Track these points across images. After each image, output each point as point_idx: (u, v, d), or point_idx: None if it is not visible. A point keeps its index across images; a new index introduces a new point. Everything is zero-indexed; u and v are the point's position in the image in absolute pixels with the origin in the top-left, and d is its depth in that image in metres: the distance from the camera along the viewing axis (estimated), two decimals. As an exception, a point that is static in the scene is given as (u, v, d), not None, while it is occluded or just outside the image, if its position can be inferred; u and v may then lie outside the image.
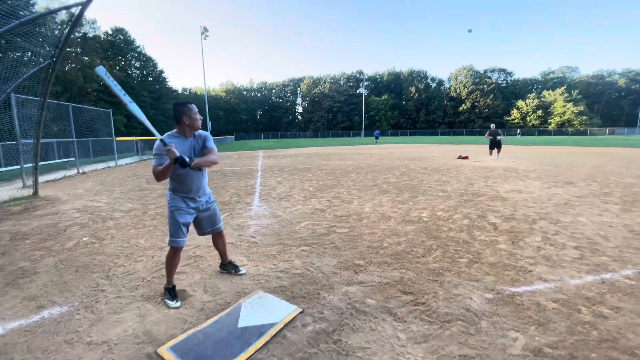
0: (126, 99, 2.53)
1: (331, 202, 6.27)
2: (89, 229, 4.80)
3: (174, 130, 2.65)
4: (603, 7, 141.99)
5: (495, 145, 15.06)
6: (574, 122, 67.82)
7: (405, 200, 6.25)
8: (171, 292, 2.68)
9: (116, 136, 15.45)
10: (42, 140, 7.67)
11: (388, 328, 2.26)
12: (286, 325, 2.27)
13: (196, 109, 2.65)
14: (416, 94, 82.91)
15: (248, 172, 11.44)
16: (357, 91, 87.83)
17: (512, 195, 6.54)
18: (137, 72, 54.60)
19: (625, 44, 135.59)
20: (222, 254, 3.13)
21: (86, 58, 41.34)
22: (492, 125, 15.44)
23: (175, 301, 2.59)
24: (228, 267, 3.15)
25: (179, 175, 2.57)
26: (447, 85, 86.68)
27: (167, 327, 2.30)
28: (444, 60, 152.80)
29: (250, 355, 1.98)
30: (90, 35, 43.70)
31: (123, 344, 2.13)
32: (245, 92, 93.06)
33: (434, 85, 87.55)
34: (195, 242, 4.00)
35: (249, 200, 6.60)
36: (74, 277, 3.12)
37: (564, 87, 71.61)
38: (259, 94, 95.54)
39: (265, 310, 2.42)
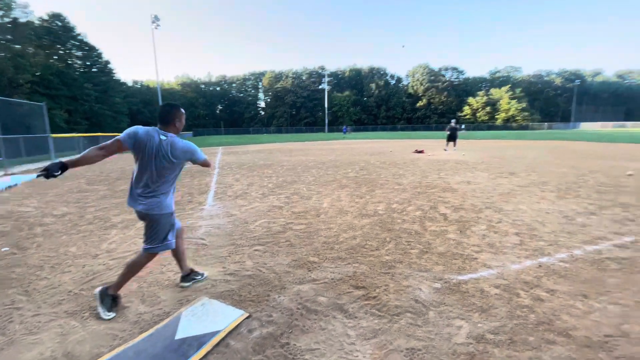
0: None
1: (290, 198, 6.13)
2: (10, 237, 4.22)
3: (159, 128, 2.40)
4: (542, 11, 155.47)
5: (451, 138, 16.55)
6: (518, 118, 73.88)
7: (363, 194, 6.29)
8: (116, 300, 2.44)
9: (55, 132, 13.96)
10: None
11: (338, 326, 2.20)
12: (230, 332, 2.12)
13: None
14: (376, 91, 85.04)
15: (204, 170, 10.90)
16: (320, 87, 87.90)
17: (462, 187, 6.86)
18: (80, 62, 49.89)
19: (561, 46, 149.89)
20: (181, 260, 2.80)
21: (18, 46, 36.95)
22: (453, 121, 17.01)
23: (112, 312, 2.36)
24: (194, 276, 2.83)
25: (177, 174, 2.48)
26: (405, 83, 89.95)
27: (92, 345, 2.04)
28: (402, 58, 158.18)
29: (187, 370, 1.81)
30: (23, 20, 39.06)
31: (36, 369, 1.84)
32: (203, 86, 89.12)
33: (393, 82, 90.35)
34: (135, 247, 3.66)
35: (202, 199, 6.25)
36: (-17, 295, 2.69)
37: (509, 85, 77.70)
38: (218, 88, 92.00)
39: (208, 318, 2.24)
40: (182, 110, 2.48)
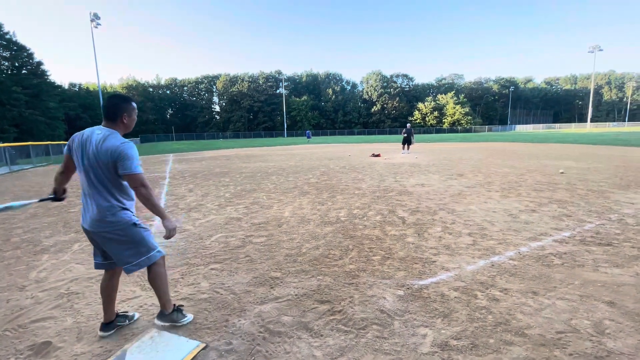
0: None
1: (249, 208, 5.90)
2: None
3: (102, 126, 2.07)
4: (482, 23, 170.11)
5: (406, 141, 17.47)
6: (462, 121, 79.93)
7: (325, 201, 6.26)
8: (180, 310, 2.37)
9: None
10: None
11: (304, 347, 2.09)
12: (184, 367, 1.91)
13: (137, 109, 2.22)
14: (333, 96, 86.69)
15: (152, 180, 10.16)
16: (277, 91, 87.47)
17: (417, 189, 7.14)
18: (7, 63, 44.34)
19: (497, 55, 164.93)
20: (113, 301, 2.30)
21: None
22: (408, 125, 18.16)
23: (189, 315, 2.40)
24: (119, 322, 2.32)
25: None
26: (360, 89, 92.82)
27: (12, 403, 1.71)
28: (356, 64, 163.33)
29: (133, 419, 1.58)
30: None
31: None
32: (151, 89, 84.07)
33: (348, 87, 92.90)
34: (71, 274, 3.23)
35: (149, 214, 5.76)
36: None
37: (453, 91, 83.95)
38: (168, 92, 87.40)
39: (158, 353, 2.00)
40: (134, 104, 2.16)
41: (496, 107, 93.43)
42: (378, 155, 16.45)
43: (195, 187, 8.52)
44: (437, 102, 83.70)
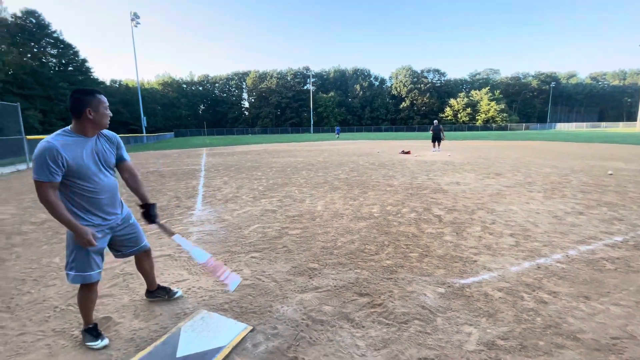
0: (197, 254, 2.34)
1: (282, 201, 6.03)
2: (-14, 248, 3.93)
3: (68, 127, 1.93)
4: (520, 14, 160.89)
5: (435, 138, 16.94)
6: (497, 119, 76.27)
7: (356, 197, 6.26)
8: (92, 332, 2.10)
9: (29, 134, 13.24)
10: None
11: (346, 336, 2.13)
12: (235, 347, 2.01)
13: (107, 103, 1.98)
14: (361, 92, 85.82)
15: (189, 172, 10.62)
16: (305, 87, 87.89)
17: (452, 188, 6.94)
18: (54, 60, 47.87)
19: (537, 49, 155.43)
20: (150, 278, 2.54)
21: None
22: (435, 121, 17.37)
23: (100, 339, 2.07)
24: (158, 294, 2.58)
25: (87, 187, 1.92)
26: (388, 84, 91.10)
27: (85, 367, 1.89)
28: (385, 59, 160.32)
29: (192, 391, 1.70)
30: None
31: (23, 398, 1.69)
32: (185, 86, 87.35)
33: (377, 83, 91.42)
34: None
35: (191, 203, 6.05)
36: (-43, 315, 2.47)
37: (488, 87, 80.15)
38: (200, 88, 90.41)
39: (209, 332, 2.13)
40: (99, 97, 1.92)
41: (535, 104, 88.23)
42: (408, 153, 16.13)
43: (229, 179, 8.81)
44: (471, 98, 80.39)
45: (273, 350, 2.00)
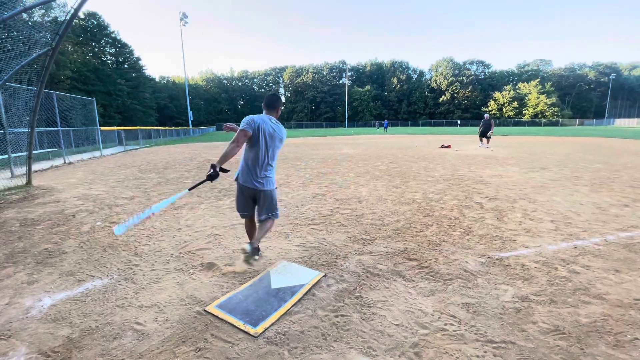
0: (149, 211, 2.84)
1: (329, 187, 6.60)
2: (98, 214, 4.92)
3: (265, 114, 2.93)
4: (575, 3, 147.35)
5: (484, 133, 15.77)
6: (547, 113, 70.96)
7: (398, 185, 6.67)
8: (258, 250, 3.04)
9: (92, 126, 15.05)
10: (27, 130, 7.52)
11: (400, 286, 2.65)
12: (313, 286, 2.61)
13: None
14: (398, 85, 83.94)
15: (236, 162, 11.53)
16: (340, 81, 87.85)
17: (494, 179, 7.10)
18: (112, 59, 52.30)
19: (595, 39, 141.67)
20: (252, 233, 3.13)
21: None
22: (486, 115, 15.96)
23: (249, 245, 2.69)
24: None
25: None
26: (427, 77, 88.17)
27: (207, 291, 2.58)
28: (425, 51, 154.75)
29: (288, 309, 2.31)
30: (61, 19, 41.37)
31: (171, 305, 2.40)
32: (225, 81, 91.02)
33: (415, 76, 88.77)
34: (209, 224, 4.25)
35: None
36: (103, 255, 3.33)
37: (538, 79, 74.53)
38: (240, 83, 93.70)
39: (292, 275, 2.75)
40: (282, 99, 2.97)
41: (591, 98, 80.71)
42: (448, 147, 16.02)
43: (277, 168, 9.56)
44: (518, 91, 75.42)
45: (343, 290, 2.57)
